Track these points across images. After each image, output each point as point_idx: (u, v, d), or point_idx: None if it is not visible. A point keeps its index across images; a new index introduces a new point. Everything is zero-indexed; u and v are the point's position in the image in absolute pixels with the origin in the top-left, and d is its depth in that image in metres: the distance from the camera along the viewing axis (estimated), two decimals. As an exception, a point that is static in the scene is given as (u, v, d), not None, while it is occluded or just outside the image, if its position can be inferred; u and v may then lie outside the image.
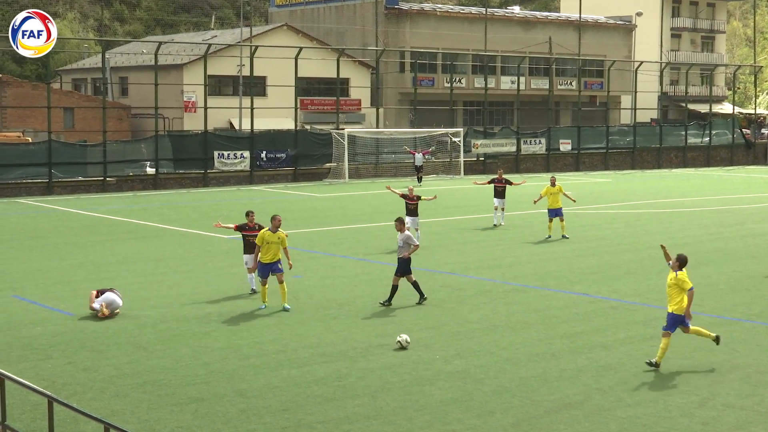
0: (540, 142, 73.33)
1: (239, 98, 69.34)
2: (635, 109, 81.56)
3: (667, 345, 17.63)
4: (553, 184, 34.90)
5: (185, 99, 72.45)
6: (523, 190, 54.18)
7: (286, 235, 23.25)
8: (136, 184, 56.29)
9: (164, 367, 17.63)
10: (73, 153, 55.48)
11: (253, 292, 24.10)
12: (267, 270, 22.59)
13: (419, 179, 58.78)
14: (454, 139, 67.59)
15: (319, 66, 73.28)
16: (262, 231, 22.95)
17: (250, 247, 24.05)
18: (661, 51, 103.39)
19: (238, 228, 24.58)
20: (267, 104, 69.82)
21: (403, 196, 32.51)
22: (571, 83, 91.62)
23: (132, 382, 16.65)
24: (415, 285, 23.40)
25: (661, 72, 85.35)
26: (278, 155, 61.46)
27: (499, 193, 37.87)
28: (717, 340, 18.37)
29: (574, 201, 37.02)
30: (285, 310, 22.28)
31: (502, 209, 38.02)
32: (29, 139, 60.89)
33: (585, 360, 18.13)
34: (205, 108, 59.86)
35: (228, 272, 27.20)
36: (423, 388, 16.36)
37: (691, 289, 17.52)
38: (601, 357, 18.36)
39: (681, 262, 17.74)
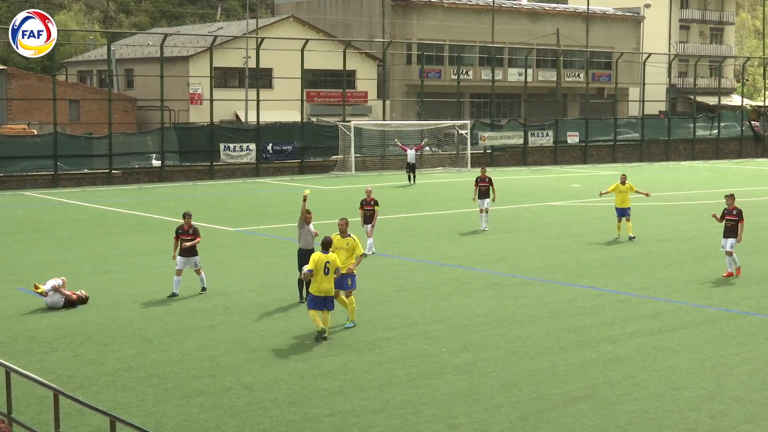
0: (547, 135, 73.18)
1: (245, 90, 69.18)
2: (643, 102, 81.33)
3: (315, 315, 18.92)
4: (623, 182, 32.69)
5: (191, 91, 72.39)
6: (533, 182, 54.24)
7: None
8: (141, 177, 56.26)
9: (170, 360, 17.58)
10: (79, 145, 55.48)
11: (174, 295, 22.89)
12: (339, 282, 19.90)
13: (411, 179, 54.10)
14: (461, 131, 67.46)
15: (325, 58, 73.17)
16: (333, 237, 20.35)
17: (184, 251, 23.10)
18: (670, 43, 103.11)
19: (176, 235, 23.42)
20: (273, 96, 69.77)
21: (362, 203, 29.74)
22: (578, 75, 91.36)
23: (138, 375, 16.61)
24: (301, 284, 22.33)
25: (670, 64, 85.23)
26: (284, 147, 61.39)
27: (483, 194, 34.87)
28: (321, 333, 18.92)
29: (648, 195, 34.72)
30: (346, 327, 20.07)
31: (486, 210, 34.88)
32: (35, 131, 60.90)
33: (592, 353, 18.05)
34: (211, 100, 59.81)
35: (234, 265, 27.15)
36: (430, 381, 16.30)
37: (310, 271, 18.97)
38: (609, 350, 18.27)
39: (323, 245, 19.35)
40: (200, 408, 14.94)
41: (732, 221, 26.06)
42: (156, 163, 57.30)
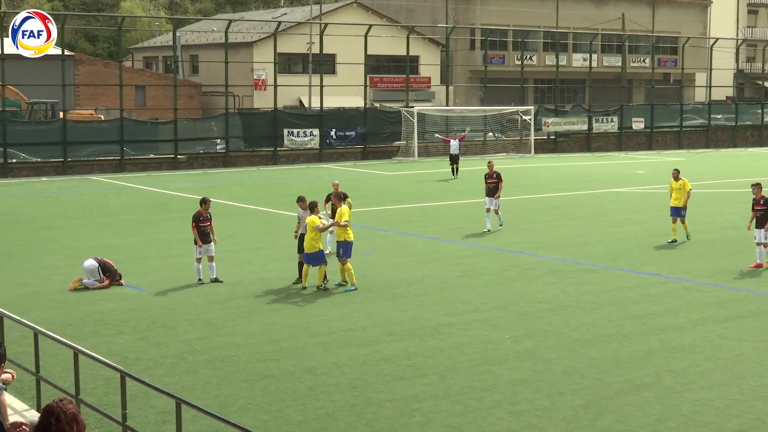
0: (612, 121, 72.50)
1: (309, 76, 69.45)
2: (710, 87, 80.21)
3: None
4: (675, 178, 29.62)
5: (255, 77, 72.79)
6: (597, 169, 53.78)
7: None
8: (206, 162, 56.73)
9: (234, 343, 17.74)
10: (145, 131, 56.10)
11: (201, 282, 22.95)
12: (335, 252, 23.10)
13: (454, 171, 49.79)
14: (524, 117, 67.09)
15: (388, 43, 73.11)
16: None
17: (204, 237, 23.05)
18: (737, 27, 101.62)
19: (194, 222, 23.21)
20: (336, 82, 69.86)
21: (328, 197, 26.54)
22: (644, 60, 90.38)
23: (202, 359, 16.79)
24: (301, 266, 23.03)
25: (737, 49, 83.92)
26: (347, 133, 61.49)
27: (491, 191, 31.46)
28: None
29: (685, 208, 29.44)
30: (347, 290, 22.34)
31: (496, 211, 31.47)
32: (102, 116, 61.66)
33: (656, 341, 17.89)
34: (275, 86, 60.05)
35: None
36: (492, 367, 16.27)
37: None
38: (673, 338, 18.10)
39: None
40: (263, 391, 15.07)
41: (761, 210, 25.05)
42: (220, 148, 57.73)
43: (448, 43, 70.67)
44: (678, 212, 29.25)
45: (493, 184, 31.46)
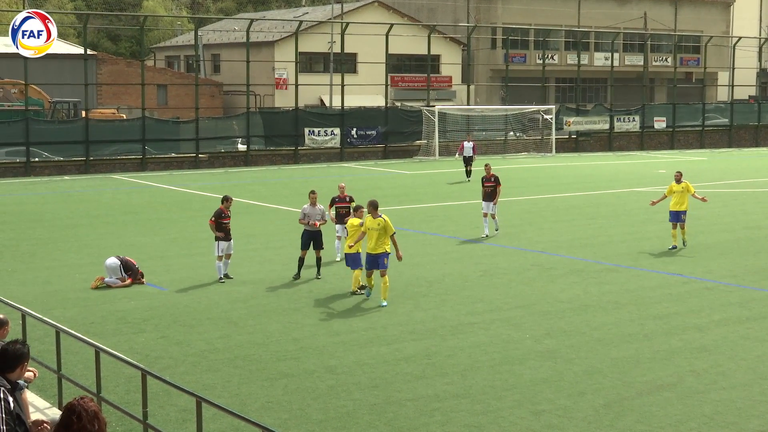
0: (634, 120, 72.24)
1: (330, 75, 69.49)
2: (733, 86, 79.79)
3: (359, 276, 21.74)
4: (678, 181, 28.14)
5: (276, 76, 72.88)
6: (619, 168, 53.63)
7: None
8: (227, 161, 56.85)
9: (255, 342, 17.78)
10: (166, 129, 56.26)
11: (222, 280, 23.07)
12: (375, 262, 21.27)
13: (468, 173, 47.83)
14: (546, 116, 66.92)
15: (409, 43, 73.08)
16: (365, 218, 21.67)
17: (226, 233, 23.17)
18: (761, 26, 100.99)
19: (215, 218, 23.24)
20: (357, 81, 69.85)
21: (333, 201, 26.86)
22: (666, 59, 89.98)
23: (223, 357, 16.83)
24: (301, 261, 23.65)
25: (760, 48, 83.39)
26: (368, 132, 61.49)
27: (488, 195, 30.27)
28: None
29: (705, 200, 29.46)
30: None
31: (493, 216, 30.26)
32: (123, 115, 61.89)
33: (678, 341, 17.82)
34: (296, 85, 60.13)
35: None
36: (513, 367, 16.25)
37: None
38: (695, 338, 18.03)
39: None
40: (284, 390, 15.09)
41: None
42: (242, 147, 57.84)
43: (470, 42, 70.54)
44: (678, 217, 27.78)
45: (491, 188, 30.28)
